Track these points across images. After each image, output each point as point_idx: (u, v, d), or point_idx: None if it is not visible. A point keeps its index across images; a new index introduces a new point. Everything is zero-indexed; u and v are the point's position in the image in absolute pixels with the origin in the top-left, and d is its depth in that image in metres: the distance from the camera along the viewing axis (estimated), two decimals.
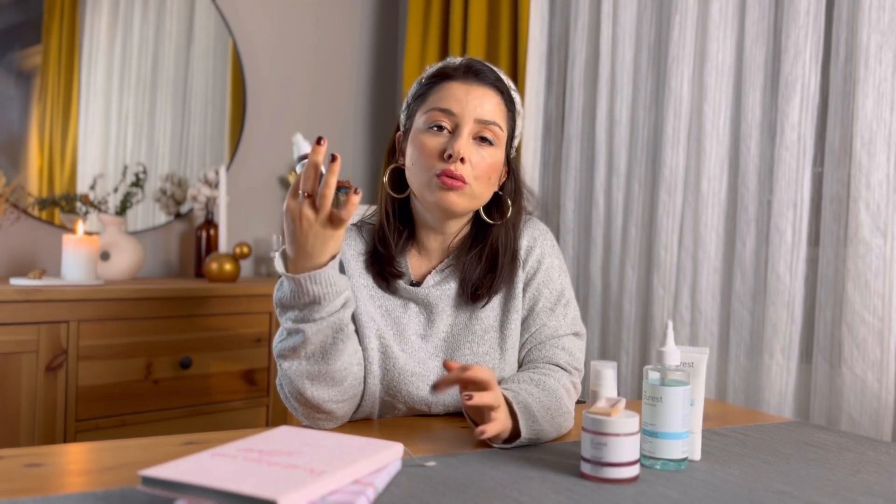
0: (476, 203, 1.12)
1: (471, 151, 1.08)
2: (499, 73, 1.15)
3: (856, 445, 1.05)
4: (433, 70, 1.15)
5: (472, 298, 1.14)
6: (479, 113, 1.09)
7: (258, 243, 2.55)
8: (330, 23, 2.71)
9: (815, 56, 1.55)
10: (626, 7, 1.96)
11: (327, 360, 1.00)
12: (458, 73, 1.12)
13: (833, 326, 1.51)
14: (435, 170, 1.07)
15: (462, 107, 1.09)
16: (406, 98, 1.19)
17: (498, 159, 1.12)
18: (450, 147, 1.07)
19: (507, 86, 1.15)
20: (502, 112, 1.13)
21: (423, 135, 1.10)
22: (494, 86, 1.13)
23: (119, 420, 1.80)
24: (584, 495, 0.79)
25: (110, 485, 0.78)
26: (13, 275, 2.07)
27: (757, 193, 1.67)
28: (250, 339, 2.02)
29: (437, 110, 1.09)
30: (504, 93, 1.14)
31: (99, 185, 2.22)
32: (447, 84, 1.12)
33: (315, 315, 0.97)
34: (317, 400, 1.02)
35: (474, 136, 1.09)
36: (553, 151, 2.22)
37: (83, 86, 2.20)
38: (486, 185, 1.11)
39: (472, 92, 1.10)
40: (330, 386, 1.02)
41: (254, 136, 2.54)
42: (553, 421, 1.02)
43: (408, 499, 0.76)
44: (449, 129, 1.09)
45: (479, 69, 1.13)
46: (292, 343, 0.99)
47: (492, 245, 1.15)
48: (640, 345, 1.91)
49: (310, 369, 1.00)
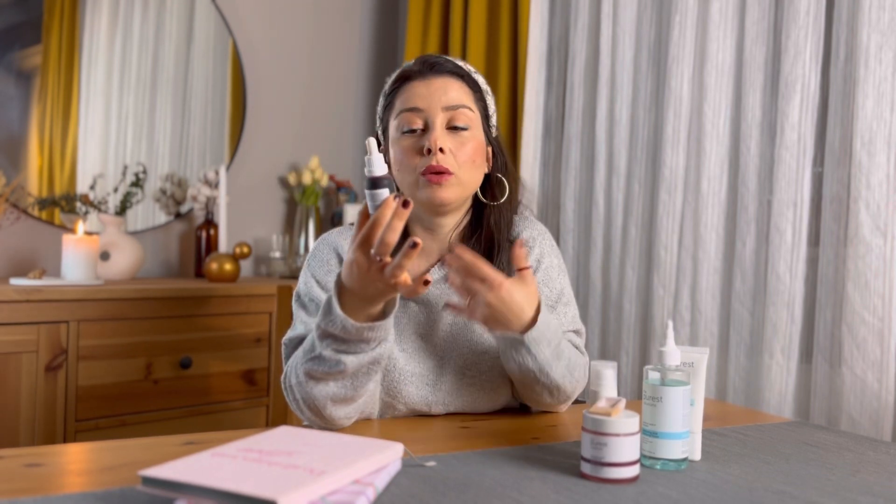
0: (468, 190, 1.13)
1: (447, 141, 1.09)
2: (456, 61, 1.16)
3: (856, 445, 1.05)
4: (393, 77, 1.17)
5: None
6: (445, 101, 1.10)
7: (258, 243, 2.55)
8: (330, 23, 2.71)
9: (815, 56, 1.55)
10: (626, 7, 1.96)
11: (356, 387, 0.99)
12: (415, 71, 1.14)
13: (833, 326, 1.51)
14: (419, 168, 1.09)
15: (427, 101, 1.10)
16: (377, 114, 1.20)
17: (477, 141, 1.13)
18: (426, 141, 1.08)
19: (466, 70, 1.16)
20: (468, 94, 1.14)
21: (400, 139, 1.12)
22: (453, 73, 1.14)
23: (119, 420, 1.80)
24: (584, 495, 0.79)
25: (110, 485, 0.78)
26: (13, 275, 2.08)
27: (757, 193, 1.67)
28: (250, 339, 2.02)
29: (405, 112, 1.11)
30: (465, 76, 1.15)
31: (99, 185, 2.22)
32: (408, 85, 1.13)
33: (360, 350, 0.96)
34: (332, 417, 1.02)
35: (448, 127, 1.10)
36: (553, 151, 2.22)
37: (83, 86, 2.20)
38: (472, 169, 1.11)
39: (433, 84, 1.11)
40: (348, 405, 1.02)
41: (254, 136, 2.54)
42: (556, 349, 1.03)
43: (408, 499, 0.76)
44: (421, 127, 1.10)
45: (434, 61, 1.14)
46: (326, 369, 0.97)
47: (488, 226, 1.16)
48: (640, 345, 1.91)
49: (336, 392, 0.99)
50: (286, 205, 2.63)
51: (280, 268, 2.47)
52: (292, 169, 2.62)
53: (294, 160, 2.63)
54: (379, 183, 0.93)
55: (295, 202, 2.61)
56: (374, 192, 0.93)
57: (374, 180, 0.93)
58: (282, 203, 2.62)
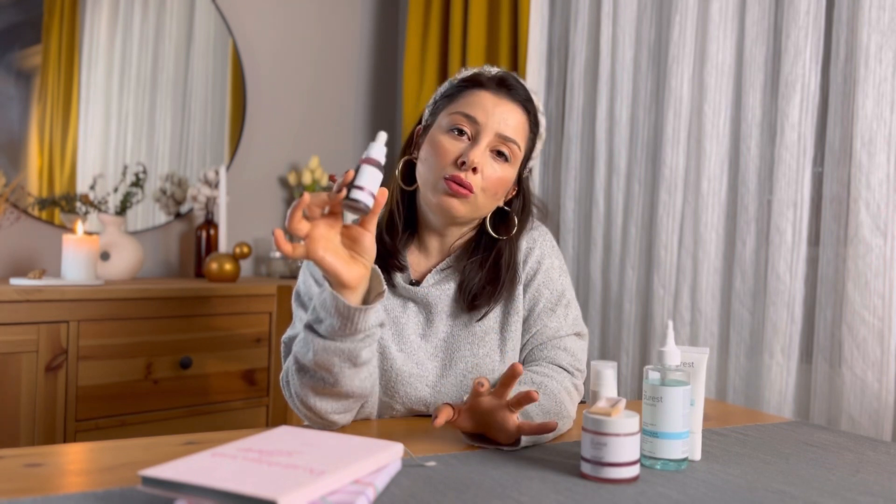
0: (477, 214, 1.12)
1: (485, 163, 1.08)
2: (531, 93, 1.15)
3: (856, 445, 1.05)
4: (468, 74, 1.15)
5: (469, 307, 1.13)
6: (503, 128, 1.09)
7: (258, 243, 2.55)
8: (330, 23, 2.71)
9: (815, 56, 1.55)
10: (626, 7, 1.96)
11: (337, 380, 0.97)
12: (491, 83, 1.12)
13: (833, 326, 1.51)
14: (445, 173, 1.07)
15: (487, 117, 1.09)
16: (434, 94, 1.19)
17: (509, 176, 1.12)
18: (465, 155, 1.07)
19: (536, 107, 1.15)
20: (524, 131, 1.13)
21: (443, 136, 1.10)
22: (523, 104, 1.13)
23: (119, 420, 1.80)
24: (584, 495, 0.79)
25: (110, 485, 0.78)
26: (13, 275, 2.07)
27: (757, 193, 1.67)
28: (250, 339, 2.02)
29: (462, 115, 1.09)
30: (531, 113, 1.14)
31: (99, 185, 2.22)
32: (478, 91, 1.12)
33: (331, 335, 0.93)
34: (320, 410, 1.00)
35: (492, 149, 1.09)
36: (553, 151, 2.22)
37: (83, 86, 2.20)
38: (491, 198, 1.11)
39: (501, 105, 1.10)
40: (331, 399, 1.00)
41: (254, 136, 2.54)
42: (564, 415, 1.02)
43: (408, 499, 0.76)
44: (469, 135, 1.09)
45: (513, 85, 1.13)
46: (303, 350, 0.97)
47: (495, 258, 1.15)
48: (640, 345, 1.91)
49: (315, 384, 0.98)
50: (286, 205, 2.63)
51: (280, 268, 2.47)
52: (292, 169, 2.62)
53: (294, 160, 2.63)
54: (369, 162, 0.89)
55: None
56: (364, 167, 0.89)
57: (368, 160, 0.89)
58: (282, 203, 2.62)
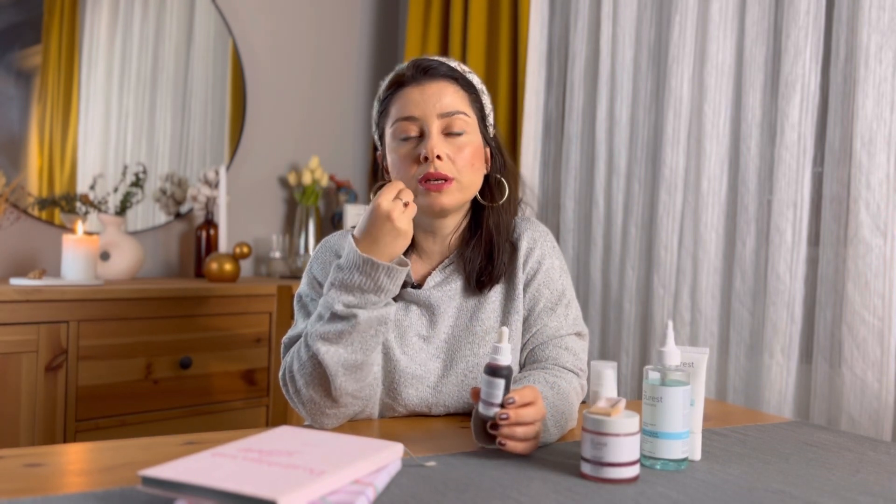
0: (468, 193, 1.13)
1: (444, 147, 1.09)
2: (449, 62, 1.15)
3: (856, 445, 1.05)
4: (387, 82, 1.16)
5: (477, 287, 1.15)
6: (440, 108, 1.10)
7: (258, 243, 2.55)
8: (330, 23, 2.71)
9: (815, 56, 1.55)
10: (626, 7, 1.96)
11: (366, 351, 1.00)
12: (408, 77, 1.12)
13: (833, 326, 1.51)
14: (417, 175, 1.08)
15: (422, 108, 1.09)
16: (373, 119, 1.20)
17: (475, 144, 1.12)
18: (422, 149, 1.08)
19: (461, 72, 1.15)
20: (463, 98, 1.13)
21: (396, 147, 1.11)
22: (447, 77, 1.13)
23: (119, 420, 1.80)
24: (584, 495, 0.79)
25: (110, 485, 0.78)
26: (13, 275, 2.07)
27: (757, 193, 1.67)
28: (250, 339, 2.02)
29: (400, 120, 1.11)
30: (459, 79, 1.14)
31: (99, 185, 2.22)
32: (402, 91, 1.12)
33: (371, 303, 0.99)
34: (341, 390, 1.01)
35: (444, 133, 1.10)
36: (553, 151, 2.22)
37: (83, 86, 2.20)
38: (472, 172, 1.11)
39: (427, 90, 1.11)
40: (358, 379, 1.02)
41: (254, 136, 2.54)
42: (560, 424, 1.02)
43: (408, 499, 0.76)
44: (417, 135, 1.10)
45: (428, 65, 1.13)
46: (340, 328, 0.98)
47: (487, 228, 1.16)
48: (640, 345, 1.91)
49: (348, 358, 0.99)
50: (286, 205, 2.63)
51: (280, 268, 2.47)
52: (292, 169, 2.62)
53: (294, 160, 2.63)
54: (499, 372, 0.91)
55: (295, 202, 2.61)
56: (492, 380, 0.91)
57: (496, 368, 0.91)
58: (282, 203, 2.62)
